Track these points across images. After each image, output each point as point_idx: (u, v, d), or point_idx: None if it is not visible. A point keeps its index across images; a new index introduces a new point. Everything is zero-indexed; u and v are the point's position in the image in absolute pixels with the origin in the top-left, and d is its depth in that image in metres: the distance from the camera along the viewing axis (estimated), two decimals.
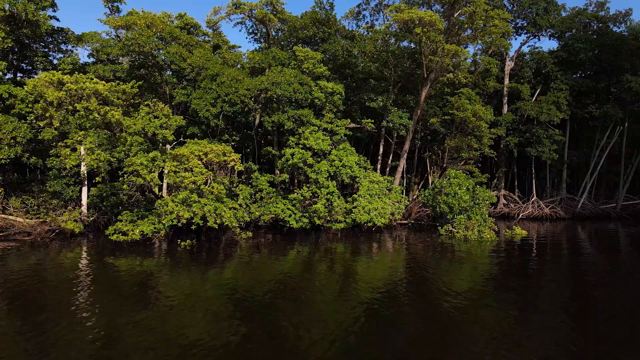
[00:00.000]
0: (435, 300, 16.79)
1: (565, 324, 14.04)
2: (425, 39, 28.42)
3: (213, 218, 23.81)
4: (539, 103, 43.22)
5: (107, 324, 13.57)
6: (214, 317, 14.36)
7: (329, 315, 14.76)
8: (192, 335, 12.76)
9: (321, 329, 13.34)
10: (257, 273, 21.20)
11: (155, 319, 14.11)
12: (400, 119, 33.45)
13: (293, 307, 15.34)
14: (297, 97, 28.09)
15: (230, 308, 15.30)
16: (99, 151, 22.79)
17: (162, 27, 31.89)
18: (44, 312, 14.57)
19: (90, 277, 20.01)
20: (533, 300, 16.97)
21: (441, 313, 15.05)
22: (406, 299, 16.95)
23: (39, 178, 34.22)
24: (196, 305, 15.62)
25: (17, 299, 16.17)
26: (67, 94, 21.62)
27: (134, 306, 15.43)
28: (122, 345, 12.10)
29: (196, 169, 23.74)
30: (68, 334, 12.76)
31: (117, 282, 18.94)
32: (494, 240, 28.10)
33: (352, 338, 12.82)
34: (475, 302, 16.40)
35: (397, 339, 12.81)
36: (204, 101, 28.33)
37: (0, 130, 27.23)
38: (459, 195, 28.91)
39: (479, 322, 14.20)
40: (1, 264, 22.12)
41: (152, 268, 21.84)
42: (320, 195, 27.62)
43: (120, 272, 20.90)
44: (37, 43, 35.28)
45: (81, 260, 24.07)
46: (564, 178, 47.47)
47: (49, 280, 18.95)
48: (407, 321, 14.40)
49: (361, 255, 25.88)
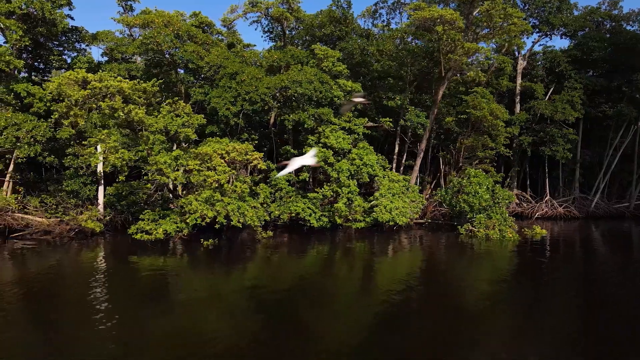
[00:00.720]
0: (457, 298, 16.73)
1: (575, 325, 13.84)
2: (446, 37, 28.25)
3: (237, 217, 23.66)
4: (553, 102, 43.04)
5: (132, 322, 13.47)
6: (237, 314, 14.31)
7: (351, 313, 14.70)
8: (216, 332, 12.67)
9: (342, 326, 13.26)
10: (279, 272, 21.11)
11: (179, 317, 14.00)
12: (418, 118, 33.29)
13: (315, 306, 15.24)
14: (318, 95, 27.93)
15: (253, 306, 15.22)
16: (122, 150, 22.63)
17: (179, 26, 31.76)
18: (70, 309, 14.54)
19: (114, 275, 19.92)
20: (551, 299, 16.80)
21: (461, 311, 14.98)
22: (427, 297, 16.90)
23: (55, 177, 34.08)
24: (221, 303, 15.58)
25: (43, 297, 16.08)
26: (91, 92, 21.45)
27: (159, 304, 15.32)
28: (146, 342, 12.00)
29: (219, 167, 23.58)
30: (94, 331, 12.64)
31: (141, 281, 18.84)
32: (516, 239, 27.95)
33: (371, 335, 12.72)
34: (494, 300, 16.38)
35: (415, 336, 12.69)
36: (223, 100, 28.17)
37: (20, 129, 27.06)
38: (479, 194, 28.75)
39: (497, 320, 14.13)
40: (24, 263, 22.04)
41: (176, 267, 21.75)
42: (341, 194, 27.48)
43: (144, 270, 20.79)
44: (52, 42, 35.11)
45: (104, 259, 23.99)
46: (576, 177, 47.30)
47: (74, 279, 18.87)
48: (426, 319, 14.28)
49: (382, 254, 25.77)
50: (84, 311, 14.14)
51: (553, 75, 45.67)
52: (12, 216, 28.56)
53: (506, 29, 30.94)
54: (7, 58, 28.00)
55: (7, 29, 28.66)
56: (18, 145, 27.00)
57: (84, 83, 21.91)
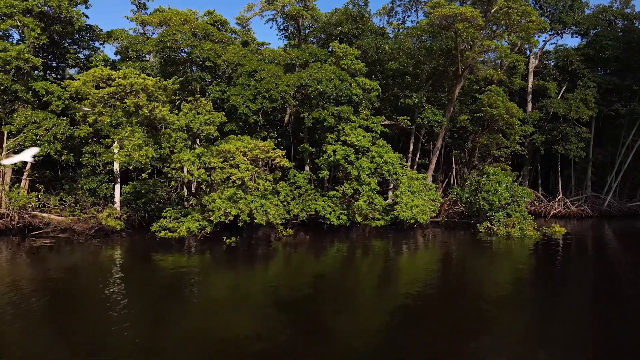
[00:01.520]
0: (479, 296, 16.60)
1: (599, 325, 13.65)
2: (466, 34, 28.18)
3: (260, 215, 23.59)
4: (566, 101, 42.97)
5: (155, 321, 13.37)
6: (261, 313, 14.15)
7: (372, 311, 14.63)
8: (241, 331, 12.54)
9: (362, 324, 13.21)
10: (301, 270, 21.04)
11: (203, 315, 13.89)
12: (435, 116, 33.21)
13: (337, 304, 15.14)
14: (337, 93, 27.86)
15: (277, 304, 15.12)
16: (146, 147, 22.55)
17: (196, 24, 31.70)
18: (92, 307, 14.38)
19: (136, 274, 19.79)
20: (576, 297, 16.70)
21: (484, 308, 14.82)
22: (449, 295, 16.79)
23: (70, 175, 34.02)
24: (245, 302, 15.45)
25: (64, 295, 15.99)
26: (116, 89, 21.36)
27: (182, 303, 15.22)
28: (169, 341, 11.84)
29: (242, 165, 23.51)
30: (117, 330, 12.50)
31: (164, 279, 18.72)
32: (537, 237, 27.88)
33: (392, 332, 12.63)
34: (517, 298, 16.21)
35: (434, 334, 12.52)
36: (242, 98, 28.09)
37: (40, 126, 26.99)
38: (499, 192, 28.68)
39: (518, 317, 13.97)
40: (45, 261, 21.91)
41: (198, 265, 21.67)
42: (362, 192, 27.41)
43: (166, 269, 20.71)
44: (68, 40, 35.02)
45: (126, 257, 23.92)
46: (588, 176, 47.22)
47: (96, 277, 18.73)
48: (448, 317, 14.10)
49: (402, 252, 25.71)
50: (105, 310, 14.00)
51: (566, 73, 45.61)
52: (32, 214, 28.52)
53: (524, 27, 30.84)
54: (25, 56, 27.88)
55: (26, 27, 28.55)
56: (38, 143, 26.92)
57: (108, 80, 21.81)
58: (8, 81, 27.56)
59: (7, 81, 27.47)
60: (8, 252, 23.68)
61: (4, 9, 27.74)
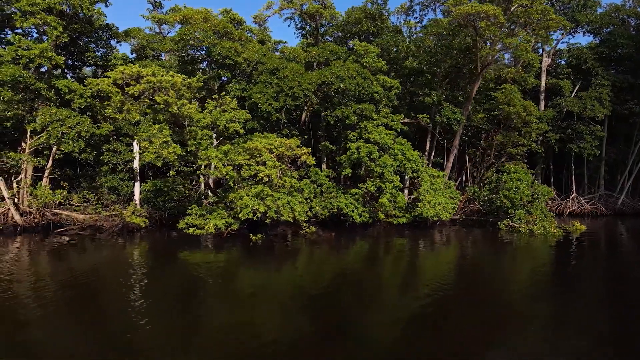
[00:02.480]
0: (505, 293, 16.59)
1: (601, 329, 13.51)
2: (488, 32, 28.25)
3: (287, 212, 23.66)
4: (580, 99, 43.03)
5: (183, 318, 13.34)
6: (288, 311, 14.14)
7: (395, 308, 14.61)
8: (269, 328, 12.55)
9: (386, 322, 13.22)
10: (326, 267, 21.06)
11: (232, 313, 13.86)
12: (454, 114, 33.28)
13: (362, 301, 15.12)
14: (360, 91, 27.93)
15: (304, 301, 15.10)
16: (174, 145, 22.62)
17: (216, 22, 31.80)
18: (119, 305, 14.30)
19: (163, 271, 19.76)
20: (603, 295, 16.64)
21: (500, 307, 14.73)
22: (474, 292, 16.66)
23: (89, 173, 34.12)
24: (273, 299, 15.45)
25: (92, 292, 15.95)
26: (147, 86, 21.44)
27: (211, 300, 15.27)
28: (198, 339, 11.83)
29: (269, 162, 23.59)
30: (145, 328, 12.52)
31: (191, 276, 18.65)
32: (560, 234, 27.95)
33: (415, 329, 12.66)
34: (533, 297, 16.10)
35: (454, 333, 12.46)
36: (264, 95, 28.17)
37: (65, 124, 27.06)
38: (521, 189, 28.75)
39: (535, 318, 13.85)
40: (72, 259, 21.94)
41: (225, 262, 21.74)
42: (385, 190, 27.47)
43: (193, 266, 20.68)
44: (87, 38, 35.10)
45: (152, 254, 23.92)
46: (601, 175, 47.29)
47: (123, 275, 18.65)
48: (474, 315, 13.98)
49: (425, 250, 25.75)
50: (133, 308, 14.00)
51: (579, 72, 45.65)
52: (54, 212, 28.63)
53: (544, 25, 30.90)
54: (49, 54, 27.98)
55: (48, 25, 28.62)
56: (62, 140, 27.00)
57: (138, 78, 21.88)
58: (32, 79, 27.63)
59: (30, 79, 27.54)
60: (34, 249, 23.75)
61: (27, 7, 27.81)
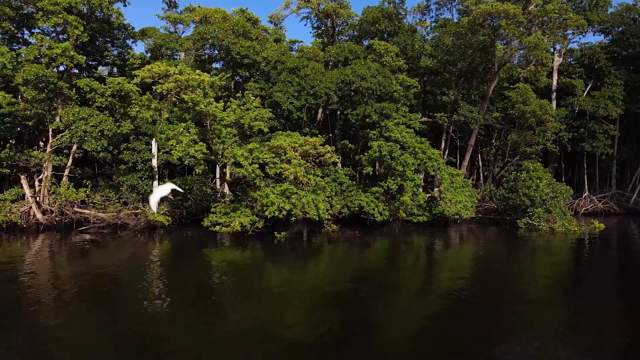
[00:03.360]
0: (528, 291, 16.58)
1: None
2: (508, 31, 28.37)
3: (312, 210, 23.77)
4: (593, 98, 43.13)
5: (209, 316, 13.37)
6: (313, 308, 14.13)
7: (418, 306, 14.62)
8: (290, 324, 12.58)
9: (409, 319, 13.25)
10: (349, 265, 21.16)
11: (258, 310, 13.84)
12: (471, 113, 33.40)
13: (385, 298, 15.13)
14: (381, 90, 28.06)
15: (329, 299, 15.09)
16: (201, 143, 22.74)
17: (234, 22, 31.93)
18: (143, 302, 14.31)
19: (188, 268, 19.74)
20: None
21: (519, 305, 14.66)
22: (498, 289, 16.65)
23: (107, 172, 34.26)
24: (298, 296, 15.48)
25: (117, 289, 16.06)
26: (175, 84, 21.56)
27: (237, 298, 15.32)
28: (222, 336, 11.83)
29: (294, 160, 23.71)
30: (171, 325, 12.57)
31: (217, 274, 18.73)
32: (581, 232, 28.07)
33: (435, 326, 12.63)
34: (552, 296, 16.07)
35: (473, 331, 12.35)
36: (285, 94, 28.29)
37: (88, 123, 27.18)
38: (540, 188, 28.86)
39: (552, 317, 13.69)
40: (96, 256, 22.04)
41: (250, 260, 21.88)
42: (406, 188, 27.58)
43: (219, 264, 20.75)
44: (101, 38, 35.24)
45: (175, 252, 24.04)
46: (613, 174, 47.40)
47: (147, 272, 18.80)
48: (495, 312, 13.92)
49: (445, 248, 25.86)
50: (157, 305, 14.05)
51: (591, 71, 45.74)
52: (75, 210, 28.76)
53: (562, 24, 31.02)
54: (70, 53, 28.11)
55: (69, 25, 28.74)
56: (85, 139, 27.12)
57: (166, 76, 21.99)
58: (54, 78, 27.75)
59: (53, 78, 27.66)
60: (59, 247, 23.87)
61: (49, 7, 27.93)
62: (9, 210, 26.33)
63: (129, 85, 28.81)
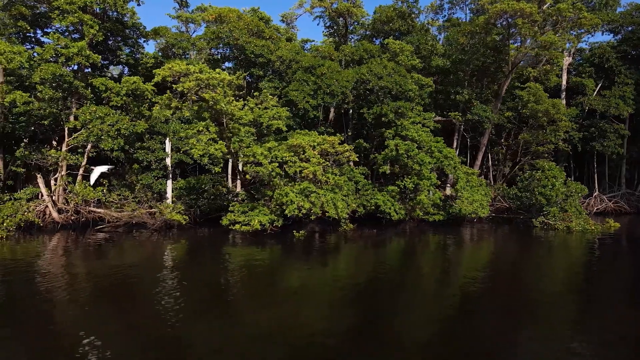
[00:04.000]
0: (548, 289, 16.52)
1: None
2: (524, 30, 28.36)
3: (331, 209, 23.75)
4: (603, 97, 43.14)
5: (223, 312, 13.39)
6: (334, 306, 14.13)
7: (438, 305, 14.57)
8: (310, 323, 12.56)
9: (427, 318, 13.24)
10: (367, 263, 21.11)
11: (279, 309, 13.83)
12: (485, 112, 33.38)
13: (403, 296, 15.16)
14: (397, 89, 28.05)
15: (350, 298, 15.10)
16: (221, 142, 22.72)
17: (248, 21, 31.94)
18: (163, 302, 14.21)
19: (206, 268, 19.67)
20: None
21: (541, 305, 14.58)
22: (511, 291, 16.55)
23: (120, 172, 34.22)
24: (319, 295, 15.48)
25: (136, 289, 15.96)
26: (195, 83, 21.55)
27: (258, 297, 15.26)
28: (241, 332, 11.83)
29: (313, 159, 23.69)
30: (193, 320, 12.56)
31: (237, 273, 18.63)
32: (598, 231, 28.05)
33: (452, 325, 12.60)
34: (576, 296, 16.01)
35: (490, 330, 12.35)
36: (301, 93, 28.28)
37: (105, 122, 27.17)
38: (556, 187, 28.85)
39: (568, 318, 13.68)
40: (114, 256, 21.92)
41: (269, 259, 21.80)
42: (422, 187, 27.57)
43: (237, 261, 20.70)
44: (114, 37, 35.20)
45: (193, 251, 23.95)
46: (622, 173, 47.39)
47: (164, 271, 18.70)
48: (514, 310, 13.88)
49: (462, 247, 25.84)
50: (176, 305, 13.95)
51: (601, 70, 45.75)
52: (92, 210, 28.76)
53: (577, 23, 31.01)
54: (86, 52, 28.11)
55: (85, 24, 28.73)
56: (102, 138, 27.11)
57: (185, 75, 21.98)
58: (70, 77, 27.75)
59: (69, 77, 27.65)
60: (78, 246, 23.82)
61: (65, 6, 27.92)
62: (27, 209, 26.29)
63: (143, 85, 28.85)
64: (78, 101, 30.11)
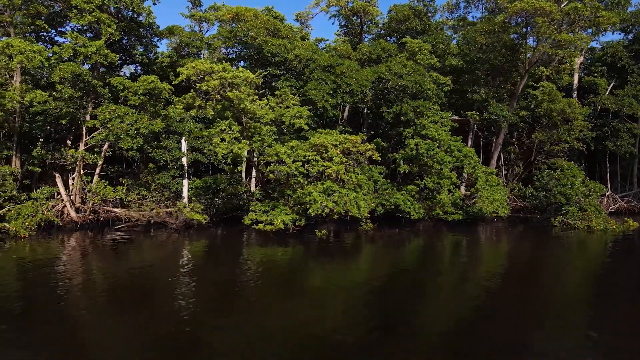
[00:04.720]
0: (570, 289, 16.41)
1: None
2: (544, 29, 28.25)
3: (354, 208, 23.65)
4: (616, 96, 43.05)
5: (248, 312, 13.29)
6: (356, 306, 14.04)
7: (461, 306, 14.34)
8: (334, 322, 12.48)
9: (445, 317, 13.15)
10: (388, 262, 21.04)
11: (301, 308, 13.76)
12: (502, 112, 33.28)
13: (423, 296, 15.12)
14: (417, 88, 27.95)
15: (369, 297, 15.03)
16: (244, 140, 22.62)
17: (265, 20, 31.84)
18: (186, 301, 14.15)
19: (228, 267, 19.50)
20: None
21: (564, 305, 14.44)
22: (535, 291, 16.34)
23: (135, 171, 34.11)
24: (340, 293, 15.40)
25: (157, 288, 15.85)
26: (220, 82, 21.44)
27: (280, 295, 15.19)
28: (264, 331, 11.75)
29: (336, 158, 23.59)
30: (214, 319, 12.52)
31: (259, 272, 18.52)
32: (619, 230, 27.95)
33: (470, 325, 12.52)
34: (585, 296, 15.91)
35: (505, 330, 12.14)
36: (320, 92, 28.17)
37: (124, 121, 27.06)
38: (576, 185, 28.75)
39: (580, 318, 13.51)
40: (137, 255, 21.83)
41: (291, 258, 21.69)
42: (443, 186, 27.47)
43: (259, 260, 20.58)
44: (128, 37, 35.10)
45: (214, 251, 23.82)
46: (634, 172, 47.25)
47: (187, 271, 18.57)
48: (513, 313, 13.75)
49: (482, 246, 25.73)
50: (198, 304, 13.89)
51: (614, 70, 45.65)
52: (109, 209, 28.65)
53: (595, 21, 30.92)
54: (104, 51, 27.99)
55: (103, 23, 28.63)
56: (121, 137, 27.00)
57: (209, 74, 21.87)
58: (89, 76, 27.65)
59: (88, 76, 27.55)
60: (96, 245, 23.72)
61: (82, 5, 27.82)
62: (46, 208, 26.18)
63: (161, 84, 28.74)
64: (95, 100, 30.02)
